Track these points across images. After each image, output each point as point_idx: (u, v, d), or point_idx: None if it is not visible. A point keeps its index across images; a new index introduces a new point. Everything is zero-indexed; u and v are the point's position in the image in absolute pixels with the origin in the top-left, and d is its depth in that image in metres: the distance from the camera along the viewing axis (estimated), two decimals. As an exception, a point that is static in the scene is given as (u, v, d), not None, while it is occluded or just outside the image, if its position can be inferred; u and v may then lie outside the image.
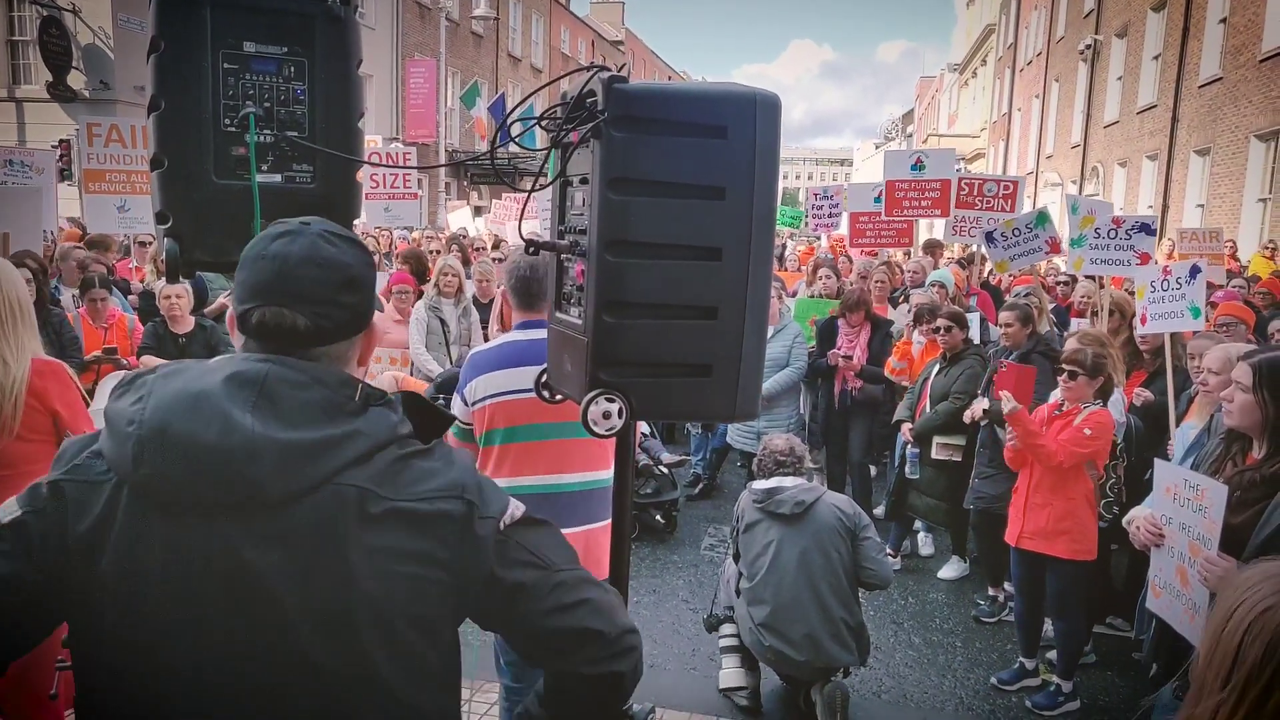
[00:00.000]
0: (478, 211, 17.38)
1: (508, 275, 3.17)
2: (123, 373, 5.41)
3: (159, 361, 5.63)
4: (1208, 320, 5.59)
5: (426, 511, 1.31)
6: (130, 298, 7.75)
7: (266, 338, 1.35)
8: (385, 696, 1.31)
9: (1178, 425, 4.76)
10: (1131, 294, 6.74)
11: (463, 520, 1.34)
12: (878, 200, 10.31)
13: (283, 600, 1.25)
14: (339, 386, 1.32)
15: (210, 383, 1.27)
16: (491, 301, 7.38)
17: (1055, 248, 7.73)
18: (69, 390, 2.90)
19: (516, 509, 1.42)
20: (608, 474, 3.20)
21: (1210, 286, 7.47)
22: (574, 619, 1.41)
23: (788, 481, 4.26)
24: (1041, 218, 7.31)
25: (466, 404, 3.04)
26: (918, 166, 9.84)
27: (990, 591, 5.60)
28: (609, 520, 3.22)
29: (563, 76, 1.81)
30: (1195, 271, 5.19)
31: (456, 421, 3.03)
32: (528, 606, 1.39)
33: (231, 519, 1.24)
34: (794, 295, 8.84)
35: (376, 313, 6.71)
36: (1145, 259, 6.40)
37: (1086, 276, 7.18)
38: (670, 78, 58.38)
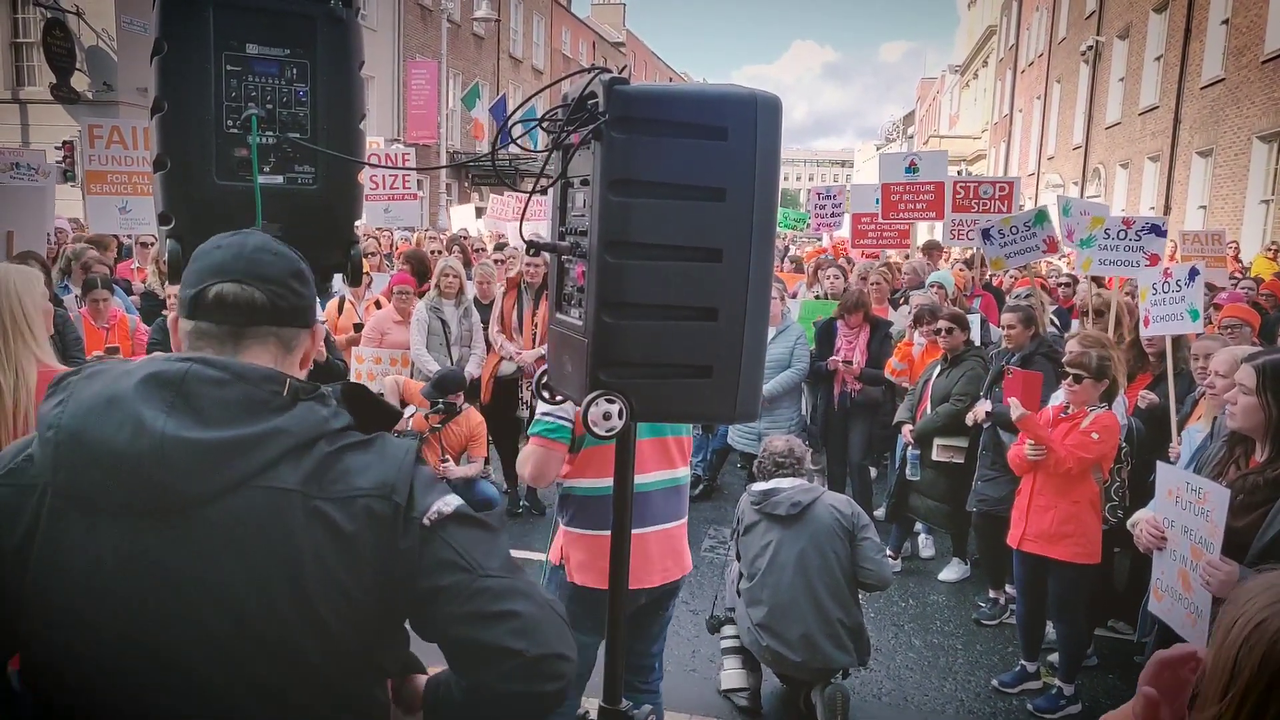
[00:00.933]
0: (479, 213, 17.38)
1: None
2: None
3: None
4: (1208, 322, 5.59)
5: (350, 511, 1.29)
6: (132, 298, 7.76)
7: (225, 312, 1.35)
8: (317, 690, 1.31)
9: (1183, 428, 4.75)
10: (1130, 295, 6.75)
11: (387, 520, 1.30)
12: (879, 202, 10.33)
13: (200, 603, 1.24)
14: (262, 382, 1.31)
15: (125, 385, 1.26)
16: (492, 303, 7.39)
17: (1053, 247, 7.74)
18: None
19: (445, 505, 1.34)
20: (684, 472, 3.30)
21: (1212, 288, 7.48)
22: (491, 633, 1.30)
23: (785, 483, 4.26)
24: (1040, 216, 7.30)
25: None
26: (912, 169, 9.86)
27: (991, 594, 5.60)
28: (685, 519, 3.29)
29: (564, 79, 1.81)
30: (1194, 274, 5.19)
31: (551, 418, 3.00)
32: (445, 610, 1.31)
33: (148, 522, 1.24)
34: (794, 296, 8.85)
35: (377, 312, 6.73)
36: (1154, 260, 6.40)
37: (1091, 278, 7.17)
38: (671, 79, 58.38)
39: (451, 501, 1.36)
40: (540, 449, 3.05)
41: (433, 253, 10.00)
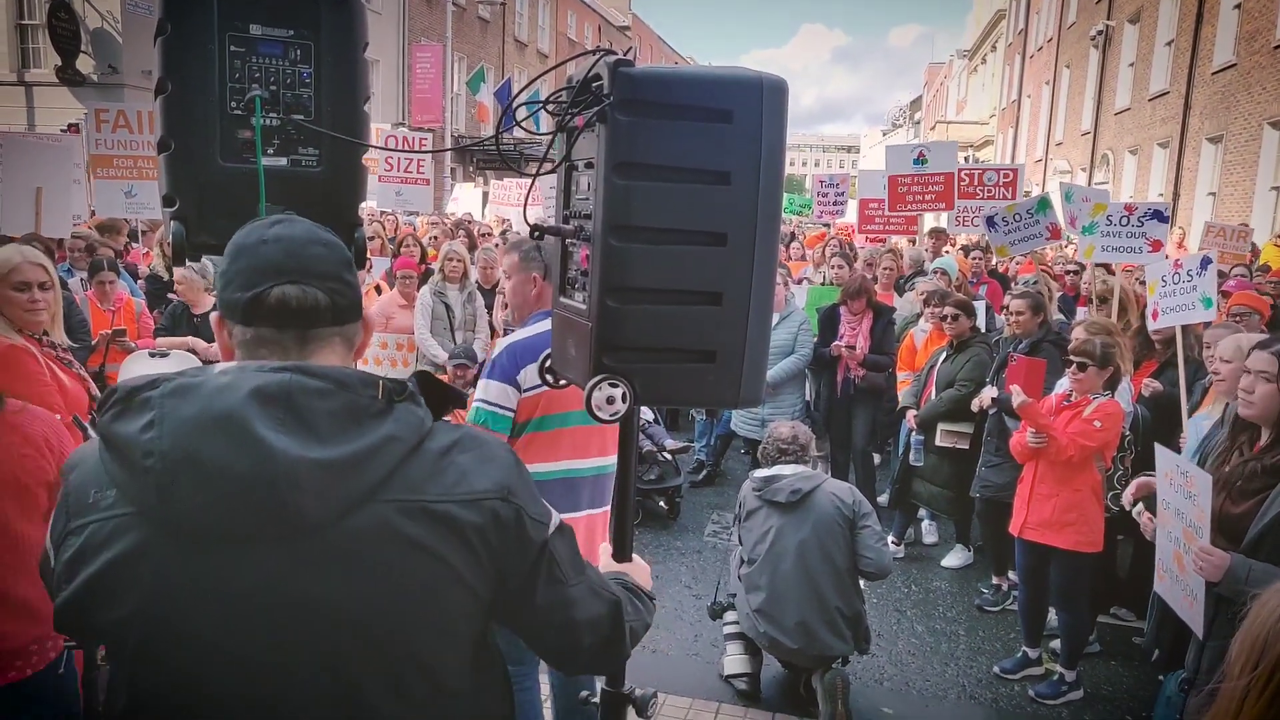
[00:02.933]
0: (484, 198, 17.36)
1: (528, 262, 3.16)
2: (139, 354, 5.45)
3: (175, 341, 5.68)
4: (1220, 311, 5.56)
5: (470, 514, 1.28)
6: (139, 282, 7.77)
7: (288, 317, 1.29)
8: (431, 690, 1.31)
9: (1192, 416, 4.74)
10: (1140, 282, 6.72)
11: (509, 523, 1.32)
12: (886, 189, 10.28)
13: (336, 623, 1.21)
14: (361, 388, 1.25)
15: (232, 401, 1.17)
16: (495, 286, 7.38)
17: (1056, 233, 7.72)
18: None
19: (555, 516, 1.42)
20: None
21: (1221, 275, 7.43)
22: (573, 637, 1.47)
23: (787, 469, 4.26)
24: (1043, 203, 7.28)
25: (520, 390, 2.98)
26: (920, 160, 9.81)
27: (994, 580, 5.61)
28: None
29: (568, 60, 1.80)
30: (1206, 263, 5.16)
31: (491, 407, 2.98)
32: (538, 613, 1.41)
33: (273, 547, 1.19)
34: (800, 282, 8.83)
35: (380, 296, 6.77)
36: (1157, 246, 6.37)
37: (1097, 265, 7.15)
38: (677, 63, 58.12)
39: (555, 512, 1.43)
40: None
41: (433, 237, 10.02)
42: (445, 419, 1.40)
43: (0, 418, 2.41)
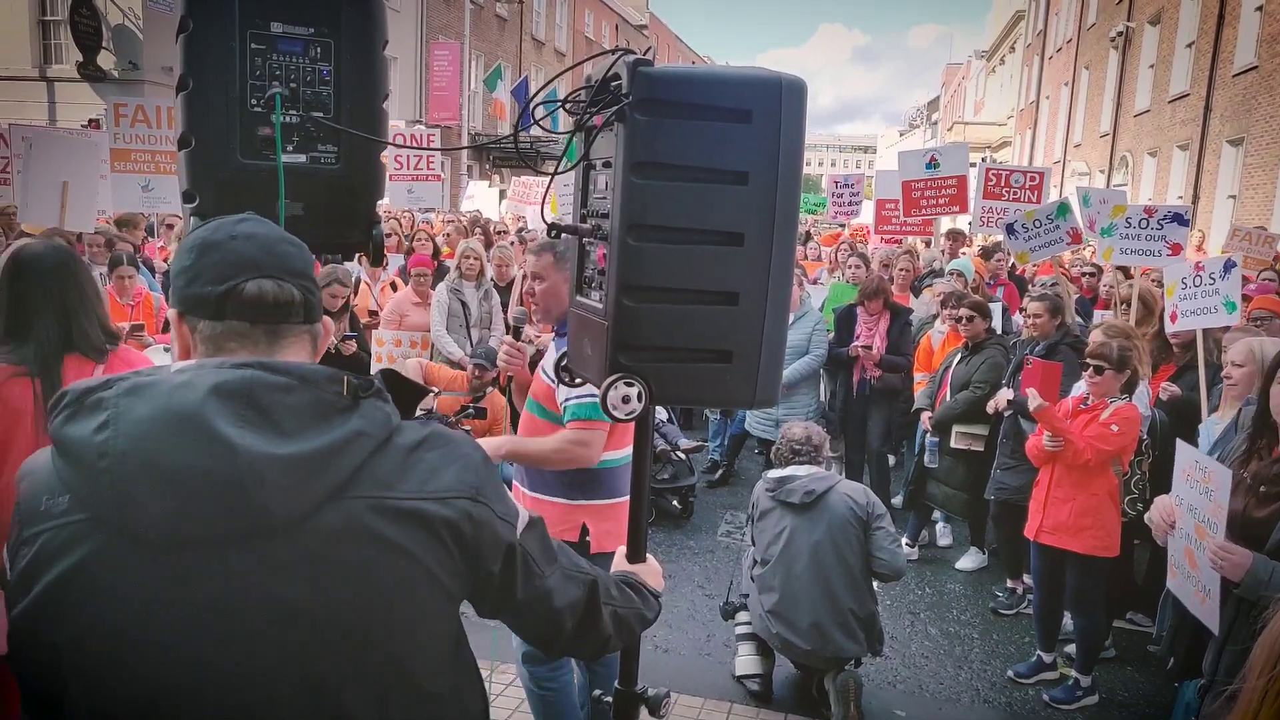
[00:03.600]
0: (501, 195, 17.41)
1: (561, 261, 3.15)
2: (154, 348, 5.48)
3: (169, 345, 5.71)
4: (1243, 315, 5.50)
5: (440, 512, 1.25)
6: (157, 277, 7.83)
7: (263, 311, 1.26)
8: (410, 692, 1.29)
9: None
10: (1157, 284, 6.66)
11: (481, 521, 1.30)
12: (901, 195, 10.24)
13: (310, 619, 1.18)
14: (326, 383, 1.22)
15: (191, 399, 1.13)
16: (511, 284, 7.39)
17: (1077, 238, 7.66)
18: None
19: (523, 513, 1.42)
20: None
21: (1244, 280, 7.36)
22: (551, 625, 1.50)
23: (801, 470, 4.25)
24: (1063, 208, 7.23)
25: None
26: (932, 165, 9.76)
27: (1009, 583, 5.57)
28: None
29: (587, 60, 1.80)
30: (1230, 266, 5.11)
31: (591, 399, 2.89)
32: (514, 604, 1.43)
33: (239, 549, 1.14)
34: (815, 283, 8.81)
35: (395, 294, 6.81)
36: (1177, 249, 6.32)
37: (1117, 267, 7.09)
38: (694, 62, 58.04)
39: (523, 510, 1.44)
40: (589, 431, 3.04)
41: (448, 235, 10.05)
42: (417, 417, 1.37)
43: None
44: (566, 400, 3.05)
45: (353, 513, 1.19)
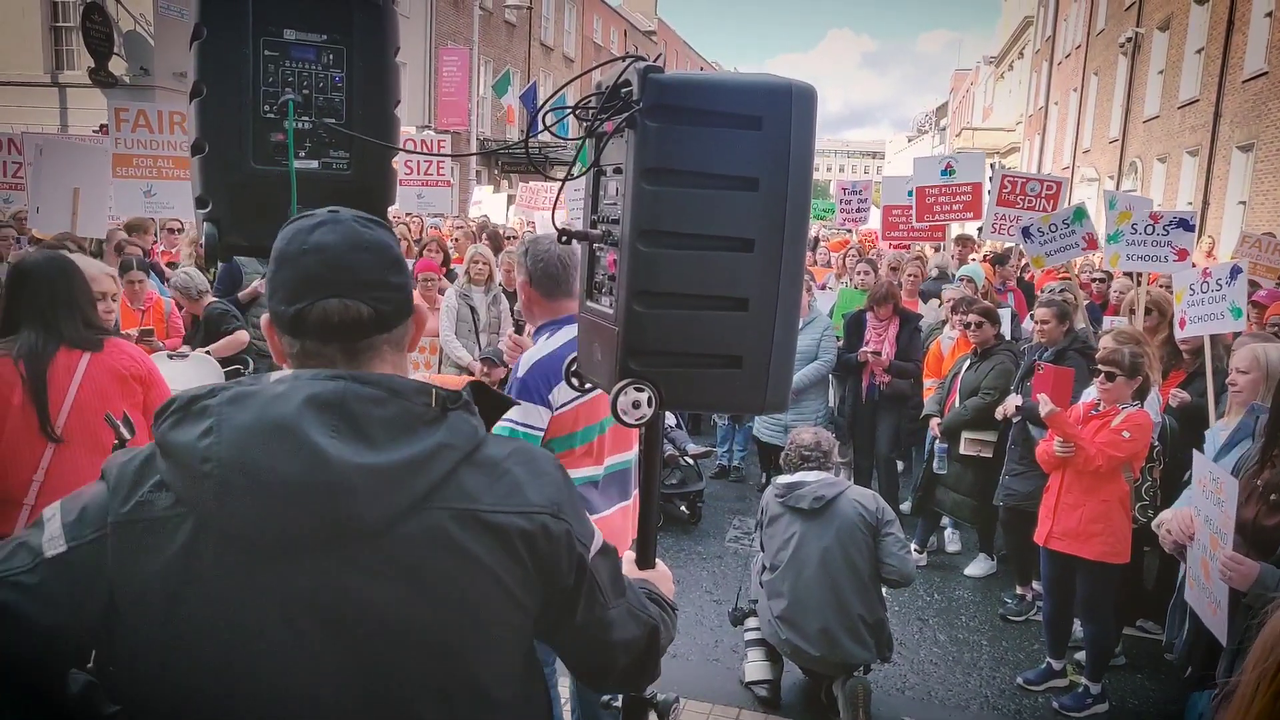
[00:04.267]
0: (510, 200, 17.43)
1: (534, 260, 3.10)
2: (158, 355, 5.51)
3: (173, 351, 5.73)
4: (1250, 320, 5.49)
5: (522, 526, 1.28)
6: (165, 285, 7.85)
7: (331, 332, 1.28)
8: (478, 701, 1.31)
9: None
10: (1166, 289, 6.64)
11: (559, 539, 1.32)
12: (911, 194, 10.23)
13: (390, 625, 1.21)
14: (415, 395, 1.26)
15: (287, 409, 1.19)
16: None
17: (1093, 243, 7.64)
18: None
19: (599, 536, 1.43)
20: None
21: (1253, 285, 7.34)
22: (606, 656, 1.48)
23: (810, 476, 4.25)
24: (1079, 213, 7.21)
25: (551, 409, 2.94)
26: (948, 171, 9.74)
27: (1018, 590, 5.56)
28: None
29: (598, 66, 1.81)
30: (1236, 272, 5.10)
31: (521, 428, 2.90)
32: (576, 630, 1.42)
33: (326, 552, 1.19)
34: (823, 288, 8.80)
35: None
36: (1183, 255, 6.30)
37: (1124, 273, 7.07)
38: (702, 68, 58.11)
39: (599, 532, 1.44)
40: None
41: (455, 240, 10.08)
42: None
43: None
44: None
45: (436, 522, 1.23)
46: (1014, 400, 5.32)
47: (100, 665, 1.26)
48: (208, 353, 5.92)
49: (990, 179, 10.22)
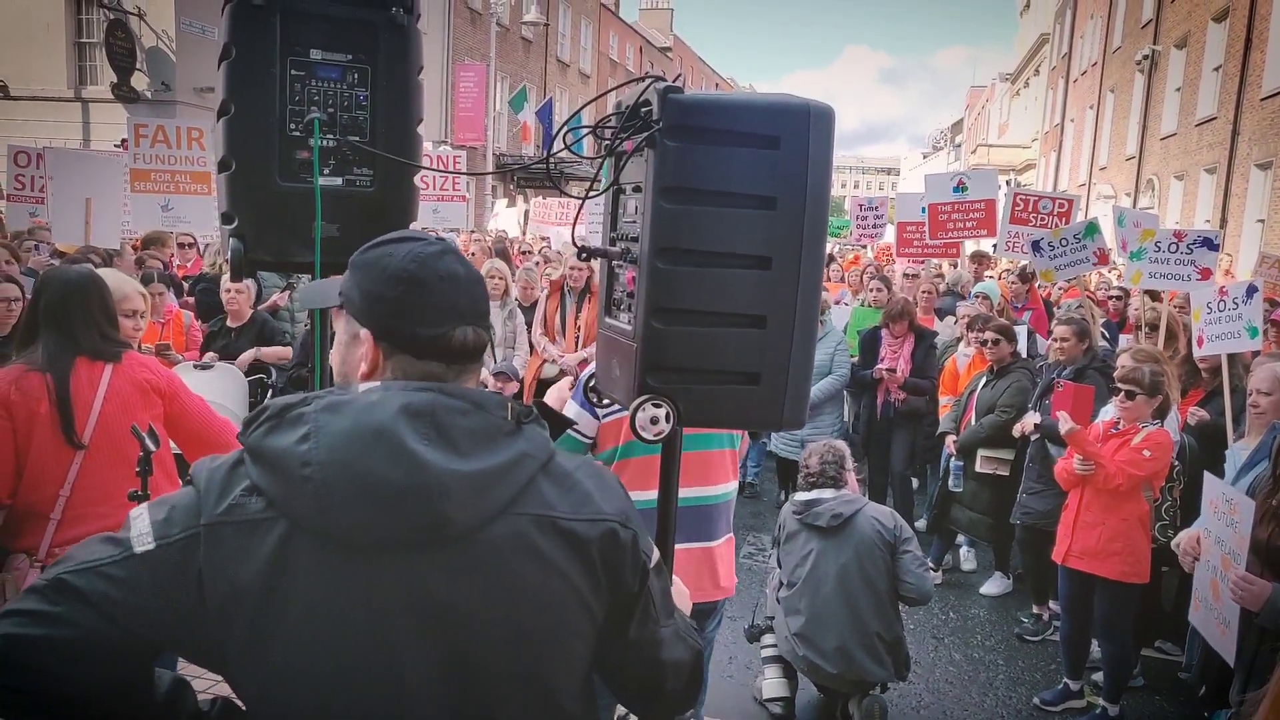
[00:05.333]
0: (525, 216, 17.54)
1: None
2: (183, 365, 5.55)
3: (199, 361, 5.79)
4: (1268, 339, 5.46)
5: (595, 533, 1.33)
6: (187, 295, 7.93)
7: (462, 357, 1.37)
8: (556, 708, 1.35)
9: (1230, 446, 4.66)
10: (1181, 308, 6.61)
11: (626, 549, 1.37)
12: (925, 211, 10.22)
13: (475, 628, 1.26)
14: (495, 409, 1.32)
15: (384, 416, 1.23)
16: (535, 305, 7.44)
17: (1104, 259, 7.62)
18: None
19: (657, 552, 1.47)
20: (727, 488, 3.14)
21: (1272, 303, 7.30)
22: (656, 677, 1.50)
23: (827, 493, 4.24)
24: (1091, 228, 7.19)
25: (598, 418, 2.90)
26: (960, 188, 9.72)
27: (1035, 609, 5.52)
28: (727, 536, 3.19)
29: (618, 88, 1.83)
30: (1252, 291, 5.08)
31: (574, 432, 2.90)
32: (628, 646, 1.44)
33: (418, 555, 1.24)
34: (838, 303, 8.80)
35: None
36: (1206, 274, 6.27)
37: (1145, 292, 7.04)
38: (718, 85, 58.34)
39: (656, 550, 1.48)
40: None
41: (470, 254, 10.14)
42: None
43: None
44: None
45: (519, 528, 1.28)
46: (1032, 418, 5.30)
47: (196, 663, 1.30)
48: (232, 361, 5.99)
49: (1005, 196, 10.20)
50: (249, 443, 1.26)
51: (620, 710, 2.14)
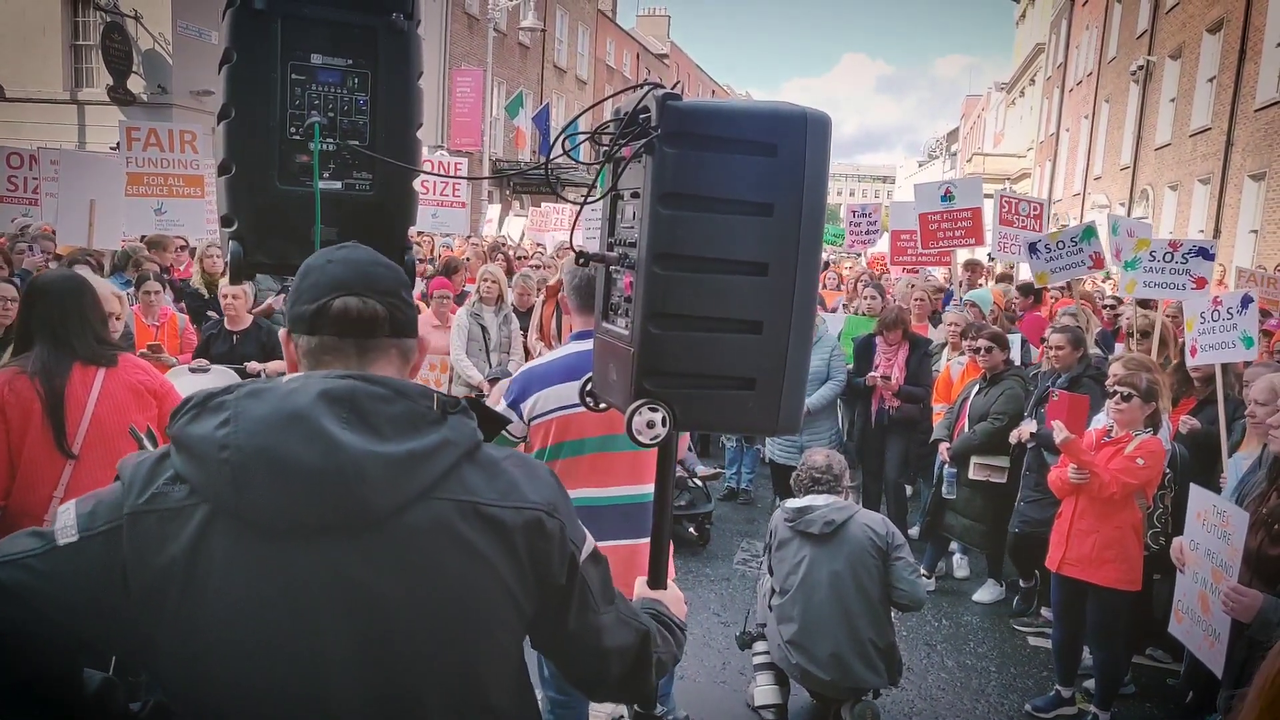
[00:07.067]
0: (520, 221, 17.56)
1: (570, 276, 3.18)
2: (179, 369, 5.55)
3: (195, 365, 5.77)
4: (1261, 350, 5.49)
5: (519, 521, 1.34)
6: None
7: (349, 325, 1.37)
8: (483, 700, 1.35)
9: (1231, 455, 4.68)
10: (1172, 317, 6.64)
11: (554, 538, 1.38)
12: (918, 228, 10.27)
13: (395, 613, 1.26)
14: (419, 397, 1.33)
15: (302, 401, 1.24)
16: (531, 310, 7.45)
17: (1099, 263, 7.67)
18: None
19: (590, 541, 1.48)
20: (649, 489, 3.24)
21: (1264, 314, 7.34)
22: (600, 663, 1.51)
23: (820, 500, 4.24)
24: (1088, 232, 7.22)
25: (522, 419, 3.00)
26: (947, 197, 9.78)
27: (1044, 613, 5.53)
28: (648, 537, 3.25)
29: (616, 95, 1.84)
30: (1247, 301, 5.11)
31: (503, 433, 2.97)
32: (567, 634, 1.46)
33: (336, 538, 1.24)
34: (833, 311, 8.83)
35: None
36: (1201, 284, 6.30)
37: (1138, 301, 7.07)
38: (714, 92, 58.44)
39: (590, 538, 1.49)
40: None
41: (466, 259, 10.16)
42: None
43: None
44: None
45: (440, 513, 1.29)
46: (1028, 426, 5.32)
47: (124, 660, 1.32)
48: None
49: (994, 201, 10.40)
50: (172, 432, 1.27)
51: (619, 710, 2.15)
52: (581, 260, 1.90)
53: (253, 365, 6.03)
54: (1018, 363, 6.55)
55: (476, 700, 1.34)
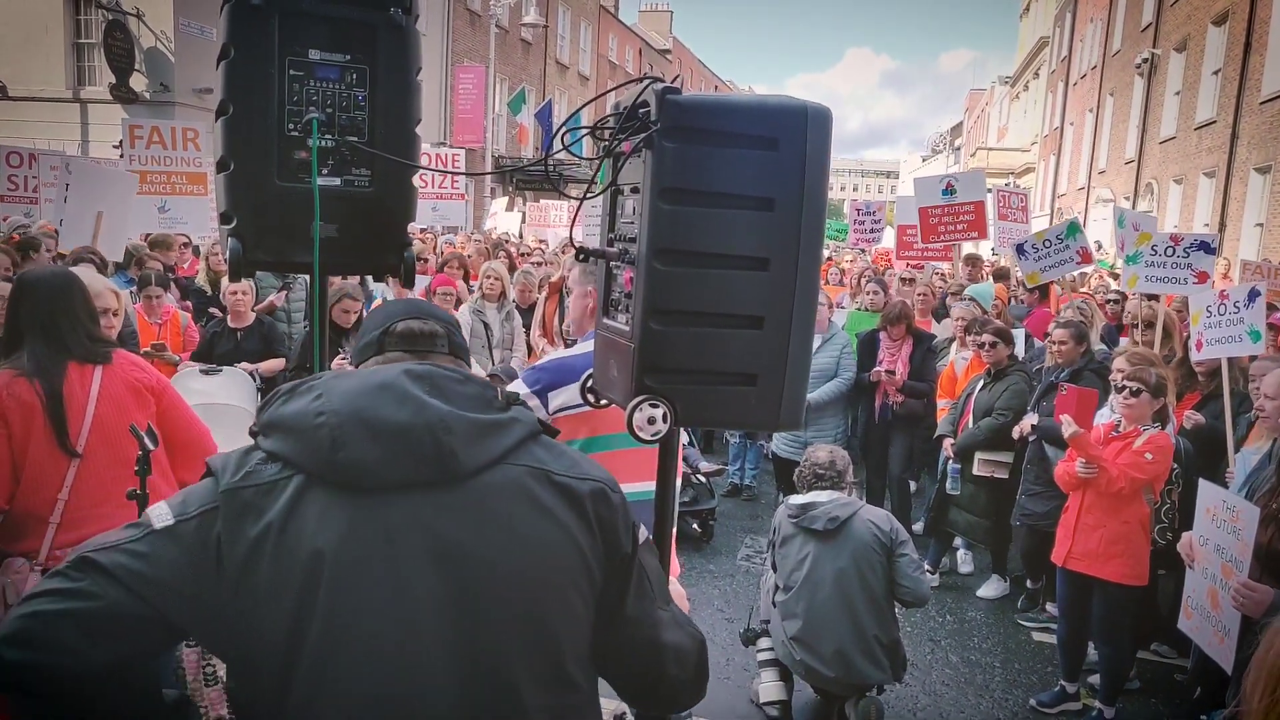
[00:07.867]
0: (523, 218, 17.56)
1: (586, 275, 3.13)
2: (190, 369, 5.54)
3: (206, 366, 5.76)
4: (1268, 343, 5.46)
5: (586, 490, 1.43)
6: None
7: (413, 341, 1.52)
8: (560, 667, 1.39)
9: (1238, 450, 4.66)
10: (1179, 310, 6.62)
11: (618, 509, 1.47)
12: (919, 223, 10.26)
13: (478, 567, 1.32)
14: (486, 385, 1.47)
15: (389, 374, 1.38)
16: (533, 307, 7.44)
17: (1087, 257, 7.65)
18: None
19: (646, 530, 1.55)
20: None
21: (1271, 308, 7.31)
22: (658, 659, 1.54)
23: (823, 496, 4.23)
24: (1072, 228, 7.21)
25: (547, 410, 2.92)
26: (949, 191, 9.74)
27: (1050, 607, 5.52)
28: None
29: (616, 88, 1.83)
30: (1254, 295, 5.08)
31: None
32: (628, 622, 1.49)
33: (425, 492, 1.32)
34: (840, 306, 8.81)
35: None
36: (1203, 278, 6.27)
37: (1144, 296, 7.05)
38: (717, 87, 58.38)
39: (646, 531, 1.58)
40: None
41: (469, 256, 10.15)
42: None
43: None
44: None
45: (516, 476, 1.39)
46: (1030, 419, 5.30)
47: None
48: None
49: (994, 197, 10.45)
50: (264, 420, 1.37)
51: (623, 708, 2.14)
52: (581, 256, 1.89)
53: (245, 365, 6.00)
54: (1021, 357, 6.52)
55: (555, 663, 1.38)
